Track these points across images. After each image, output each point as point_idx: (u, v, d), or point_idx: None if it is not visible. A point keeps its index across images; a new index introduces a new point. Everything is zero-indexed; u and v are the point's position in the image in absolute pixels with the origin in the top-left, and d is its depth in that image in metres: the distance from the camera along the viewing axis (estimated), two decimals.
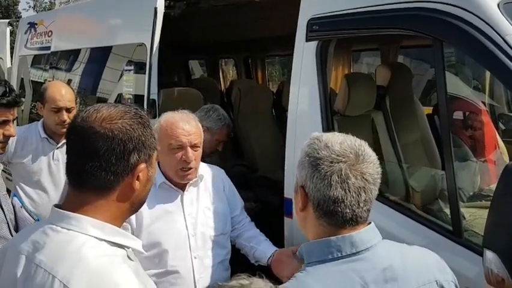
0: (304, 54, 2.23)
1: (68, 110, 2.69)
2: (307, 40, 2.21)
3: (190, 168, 1.97)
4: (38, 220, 2.10)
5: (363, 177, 1.11)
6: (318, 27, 2.16)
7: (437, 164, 2.88)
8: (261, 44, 5.43)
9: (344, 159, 1.11)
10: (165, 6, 3.02)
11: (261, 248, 2.10)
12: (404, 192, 2.50)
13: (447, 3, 1.82)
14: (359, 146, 1.15)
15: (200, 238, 2.00)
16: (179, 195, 2.02)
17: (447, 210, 2.19)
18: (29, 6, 24.89)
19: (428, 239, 1.91)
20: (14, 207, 2.10)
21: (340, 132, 2.36)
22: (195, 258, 1.98)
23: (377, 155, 2.70)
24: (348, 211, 1.11)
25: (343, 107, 2.50)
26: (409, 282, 1.14)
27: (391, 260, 1.14)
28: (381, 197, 2.11)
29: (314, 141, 1.17)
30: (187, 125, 1.97)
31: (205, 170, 2.13)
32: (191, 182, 2.04)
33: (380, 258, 1.13)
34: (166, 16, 3.06)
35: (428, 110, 3.30)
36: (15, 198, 2.16)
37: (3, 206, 1.99)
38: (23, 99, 3.92)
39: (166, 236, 1.95)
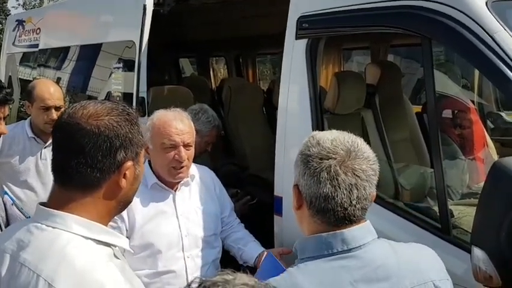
0: (294, 52, 2.23)
1: (57, 109, 2.66)
2: (297, 38, 2.20)
3: (182, 167, 1.96)
4: (29, 217, 2.08)
5: (355, 174, 1.09)
6: (308, 25, 2.15)
7: (426, 162, 2.89)
8: (252, 42, 5.42)
9: (333, 156, 1.10)
10: (154, 4, 3.00)
11: (248, 250, 2.10)
12: (393, 190, 2.51)
13: (436, 1, 1.83)
14: (352, 142, 1.13)
15: (193, 238, 2.00)
16: (171, 195, 2.01)
17: (435, 208, 2.20)
18: (19, 4, 24.63)
19: (416, 236, 1.92)
20: (5, 204, 2.08)
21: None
22: (188, 258, 1.97)
23: None
24: (340, 209, 1.09)
25: (333, 105, 2.50)
26: (403, 281, 1.12)
27: (385, 259, 1.13)
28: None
29: (309, 139, 1.17)
30: (180, 124, 1.96)
31: (195, 171, 2.12)
32: (183, 181, 2.03)
33: (373, 256, 1.12)
34: (155, 14, 3.04)
35: (417, 108, 3.32)
36: (6, 196, 2.14)
37: None
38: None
39: (159, 236, 1.94)
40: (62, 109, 2.68)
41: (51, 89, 2.67)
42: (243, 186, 3.68)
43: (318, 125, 2.19)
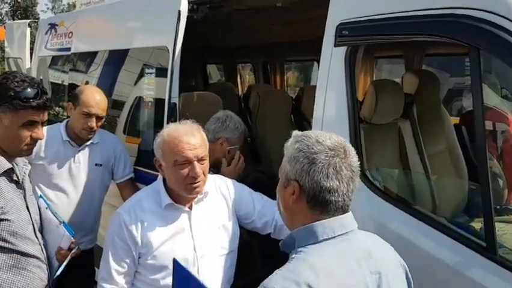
0: (332, 59, 2.17)
1: (98, 118, 2.68)
2: (335, 45, 2.15)
3: (199, 181, 1.90)
4: (63, 222, 2.08)
5: (352, 169, 1.27)
6: (348, 32, 2.10)
7: (464, 176, 2.80)
8: (280, 49, 5.39)
9: (337, 153, 1.26)
10: (188, 10, 2.99)
11: None
12: (430, 203, 2.42)
13: (485, 10, 1.76)
14: (344, 141, 1.31)
15: (208, 259, 1.93)
16: (187, 215, 1.95)
17: (476, 225, 2.11)
18: (47, 8, 25.32)
19: (459, 254, 1.83)
20: (39, 208, 2.08)
21: (366, 141, 2.30)
22: (203, 281, 1.92)
23: (403, 164, 2.62)
24: (341, 200, 1.26)
25: (370, 115, 2.43)
26: (383, 261, 1.31)
27: (367, 242, 1.34)
28: (409, 208, 2.05)
29: (302, 138, 1.31)
30: (192, 139, 1.89)
31: (208, 186, 2.04)
32: (196, 199, 1.97)
33: (360, 239, 1.32)
34: (187, 19, 3.03)
35: (455, 120, 3.23)
36: (40, 200, 2.15)
37: (29, 208, 1.98)
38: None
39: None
40: (103, 120, 2.71)
41: (97, 98, 2.70)
42: (269, 194, 3.64)
43: (355, 135, 2.12)
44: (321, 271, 1.17)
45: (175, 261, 1.65)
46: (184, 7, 2.95)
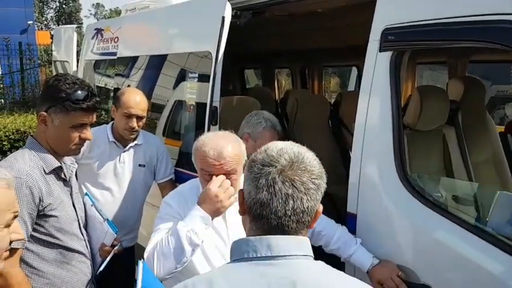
0: (377, 64, 2.15)
1: (139, 118, 2.76)
2: (381, 50, 2.13)
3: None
4: (107, 219, 2.15)
5: (293, 184, 1.08)
6: (394, 37, 2.08)
7: (509, 185, 2.72)
8: (319, 54, 5.38)
9: (275, 164, 1.10)
10: (232, 16, 3.03)
11: (358, 257, 2.12)
12: (476, 212, 2.36)
13: None
14: (297, 153, 1.12)
15: None
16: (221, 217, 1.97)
17: None
18: (90, 14, 26.24)
19: (508, 265, 1.78)
20: (84, 205, 2.16)
21: (410, 148, 2.26)
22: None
23: (447, 172, 2.54)
24: (274, 217, 1.09)
25: (414, 121, 2.39)
26: None
27: (308, 276, 1.07)
28: (454, 217, 2.00)
29: (263, 146, 1.18)
30: (220, 153, 1.89)
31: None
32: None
33: (296, 270, 1.07)
34: (230, 25, 3.07)
35: (500, 128, 3.14)
36: (86, 197, 2.22)
37: (75, 205, 2.05)
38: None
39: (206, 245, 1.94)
40: (144, 120, 2.79)
41: (137, 99, 2.78)
42: None
43: (399, 142, 2.09)
44: None
45: (144, 265, 1.59)
46: (228, 13, 2.99)
